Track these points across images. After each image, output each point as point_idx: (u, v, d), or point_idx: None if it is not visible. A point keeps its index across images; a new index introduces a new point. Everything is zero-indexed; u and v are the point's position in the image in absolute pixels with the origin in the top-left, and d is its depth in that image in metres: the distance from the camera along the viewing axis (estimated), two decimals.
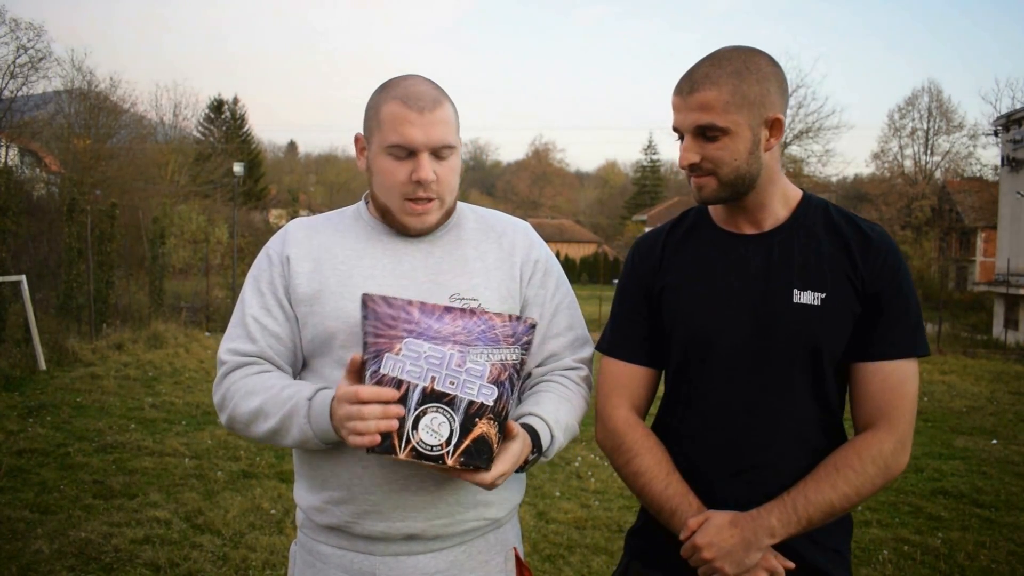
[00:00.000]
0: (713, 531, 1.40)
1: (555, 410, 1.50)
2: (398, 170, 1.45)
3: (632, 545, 1.65)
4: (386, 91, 1.49)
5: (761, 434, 1.46)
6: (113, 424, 6.96)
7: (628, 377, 1.58)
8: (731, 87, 1.40)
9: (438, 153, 1.46)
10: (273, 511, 4.78)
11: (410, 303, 1.29)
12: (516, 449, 1.35)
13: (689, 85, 1.43)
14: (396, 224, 1.52)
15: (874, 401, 1.45)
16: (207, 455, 6.07)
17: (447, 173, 1.49)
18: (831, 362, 1.46)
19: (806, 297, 1.44)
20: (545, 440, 1.44)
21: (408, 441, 1.24)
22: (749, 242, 1.51)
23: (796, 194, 1.54)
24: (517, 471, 1.39)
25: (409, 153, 1.44)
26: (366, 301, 1.28)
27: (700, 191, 1.47)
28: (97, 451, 6.07)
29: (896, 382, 1.44)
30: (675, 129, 1.48)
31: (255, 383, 1.47)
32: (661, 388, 1.65)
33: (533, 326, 1.33)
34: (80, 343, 10.91)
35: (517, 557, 1.61)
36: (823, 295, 1.44)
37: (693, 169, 1.45)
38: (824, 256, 1.47)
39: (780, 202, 1.52)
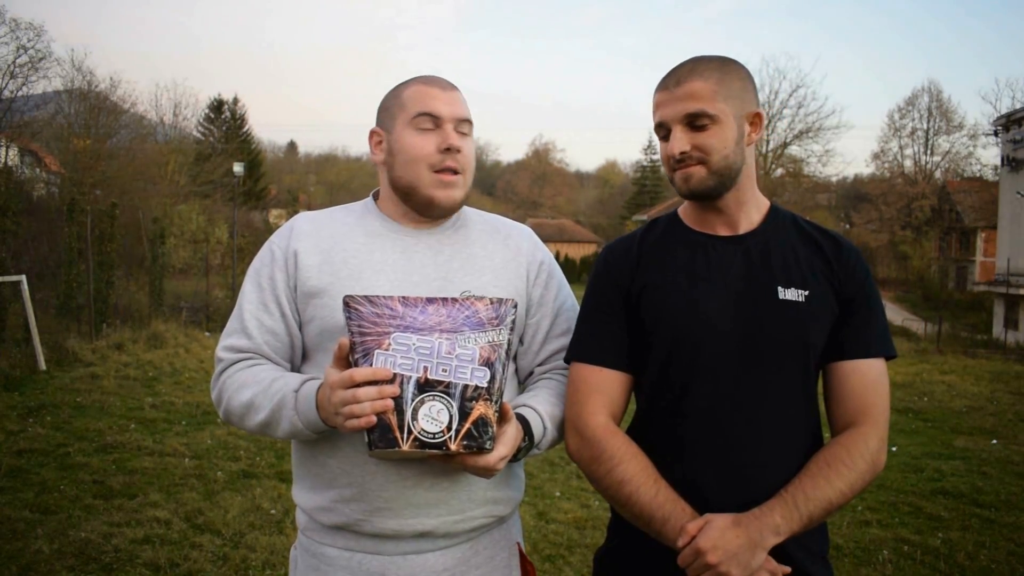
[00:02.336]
0: (716, 533, 1.34)
1: (549, 404, 1.52)
2: (425, 142, 1.50)
3: (607, 567, 1.60)
4: (404, 83, 1.57)
5: (752, 434, 1.45)
6: (113, 424, 6.97)
7: (605, 383, 1.51)
8: (716, 79, 1.45)
9: (460, 128, 1.53)
10: (273, 511, 4.78)
11: (392, 298, 1.30)
12: (512, 432, 1.37)
13: (675, 79, 1.46)
14: (422, 201, 1.52)
15: (855, 399, 1.46)
16: (207, 455, 6.07)
17: (469, 149, 1.55)
18: (814, 359, 1.48)
19: (791, 294, 1.46)
20: (537, 430, 1.46)
21: (410, 432, 1.25)
22: (727, 243, 1.52)
23: (765, 203, 1.58)
24: (511, 460, 1.40)
25: (435, 125, 1.50)
26: (348, 302, 1.29)
27: (687, 182, 1.46)
28: (97, 451, 6.07)
29: (874, 380, 1.47)
30: (660, 125, 1.48)
31: (246, 376, 1.49)
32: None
33: (515, 305, 1.35)
34: (80, 343, 10.91)
35: (521, 552, 1.62)
36: (806, 292, 1.46)
37: (681, 160, 1.45)
38: (801, 257, 1.50)
39: (754, 206, 1.54)
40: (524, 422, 1.43)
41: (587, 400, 1.50)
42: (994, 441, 7.52)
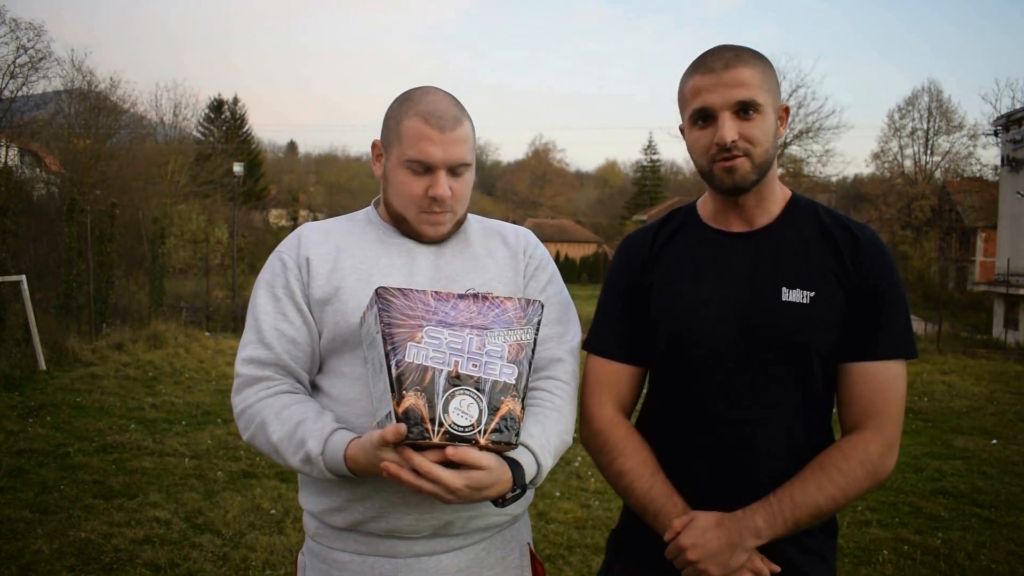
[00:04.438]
0: (698, 532, 1.38)
1: (545, 432, 1.45)
2: (415, 184, 1.49)
3: (614, 546, 1.64)
4: (408, 104, 1.51)
5: (747, 434, 1.44)
6: (113, 424, 6.96)
7: (613, 375, 1.55)
8: (760, 68, 1.42)
9: (454, 170, 1.50)
10: (273, 511, 4.78)
11: (425, 292, 1.32)
12: (478, 476, 1.29)
13: (722, 62, 1.40)
14: (411, 231, 1.55)
15: (861, 402, 1.43)
16: (207, 455, 6.07)
17: (461, 188, 1.53)
18: (819, 361, 1.44)
19: (795, 295, 1.43)
20: (529, 472, 1.38)
21: (441, 425, 1.26)
22: (738, 240, 1.50)
23: (786, 193, 1.54)
24: (497, 504, 1.35)
25: (427, 169, 1.48)
26: (382, 294, 1.29)
27: (732, 174, 1.41)
28: (97, 451, 6.07)
29: (884, 383, 1.42)
30: (701, 110, 1.42)
31: (268, 414, 1.45)
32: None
33: (542, 306, 1.37)
34: (80, 343, 10.91)
35: (532, 552, 1.63)
36: (812, 294, 1.43)
37: (727, 150, 1.40)
38: (813, 255, 1.46)
39: (773, 199, 1.51)
40: (515, 465, 1.35)
41: (596, 392, 1.55)
42: (994, 441, 7.52)
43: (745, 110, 1.40)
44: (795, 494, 1.39)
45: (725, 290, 1.47)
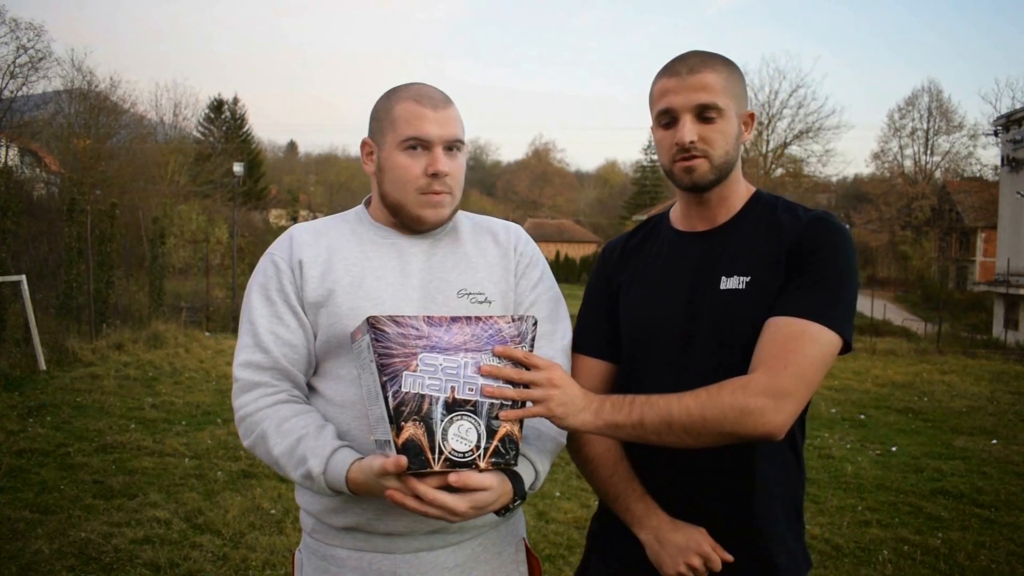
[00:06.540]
0: (561, 373, 1.35)
1: (537, 439, 1.49)
2: (413, 165, 1.50)
3: (593, 534, 1.69)
4: (396, 94, 1.54)
5: None
6: (113, 424, 6.97)
7: (586, 369, 1.62)
8: (725, 75, 1.47)
9: (450, 148, 1.52)
10: (273, 511, 4.78)
11: (417, 318, 1.30)
12: (484, 496, 1.32)
13: (687, 67, 1.47)
14: (410, 218, 1.53)
15: (759, 352, 1.37)
16: (207, 455, 6.07)
17: (457, 169, 1.54)
18: None
19: (732, 283, 1.47)
20: (528, 480, 1.42)
21: (440, 453, 1.26)
22: (695, 239, 1.56)
23: (748, 192, 1.58)
24: (499, 515, 1.38)
25: (423, 148, 1.50)
26: (374, 324, 1.27)
27: (691, 173, 1.47)
28: (97, 451, 6.08)
29: (786, 336, 1.36)
30: (665, 112, 1.48)
31: (268, 427, 1.47)
32: None
33: (535, 323, 1.36)
34: (80, 343, 10.91)
35: (527, 547, 1.65)
36: (747, 279, 1.46)
37: (686, 150, 1.46)
38: (758, 244, 1.48)
39: (737, 198, 1.56)
40: (516, 477, 1.38)
41: None
42: (994, 441, 7.52)
43: (706, 113, 1.45)
44: (652, 397, 1.36)
45: (673, 288, 1.54)
